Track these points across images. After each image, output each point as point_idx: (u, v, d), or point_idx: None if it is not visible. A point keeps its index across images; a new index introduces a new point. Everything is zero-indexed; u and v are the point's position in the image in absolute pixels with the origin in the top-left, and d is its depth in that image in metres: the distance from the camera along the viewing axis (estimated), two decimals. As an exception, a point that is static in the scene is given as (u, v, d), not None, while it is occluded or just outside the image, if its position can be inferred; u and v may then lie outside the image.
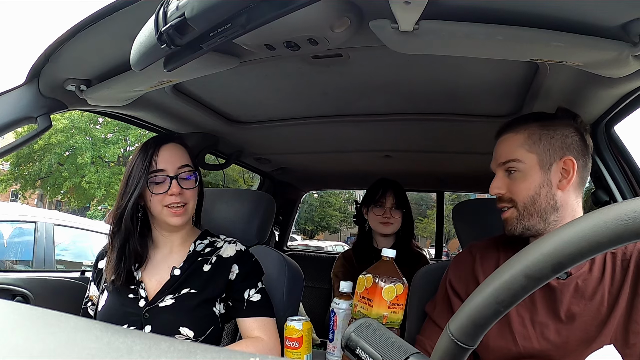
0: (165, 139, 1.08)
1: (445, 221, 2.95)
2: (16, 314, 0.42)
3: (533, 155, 0.83)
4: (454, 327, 0.38)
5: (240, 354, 0.33)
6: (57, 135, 13.19)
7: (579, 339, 0.77)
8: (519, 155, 0.84)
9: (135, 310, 1.01)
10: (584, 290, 0.79)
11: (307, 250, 3.62)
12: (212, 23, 0.57)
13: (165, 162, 1.03)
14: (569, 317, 0.79)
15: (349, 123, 1.42)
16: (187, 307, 1.01)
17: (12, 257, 3.29)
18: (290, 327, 1.01)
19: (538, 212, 0.82)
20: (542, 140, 0.83)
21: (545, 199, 0.82)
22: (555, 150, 0.83)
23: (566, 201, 0.82)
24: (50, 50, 0.88)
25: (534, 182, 0.82)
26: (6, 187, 14.65)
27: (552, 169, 0.82)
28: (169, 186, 1.02)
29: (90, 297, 1.13)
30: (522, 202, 0.83)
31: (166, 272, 1.06)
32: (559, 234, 0.35)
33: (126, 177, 1.03)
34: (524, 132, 0.85)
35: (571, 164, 0.81)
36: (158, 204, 1.02)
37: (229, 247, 1.11)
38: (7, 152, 0.99)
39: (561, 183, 0.82)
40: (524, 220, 0.83)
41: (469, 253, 0.97)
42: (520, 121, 0.88)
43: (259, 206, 1.33)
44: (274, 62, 0.99)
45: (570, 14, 0.66)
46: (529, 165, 0.83)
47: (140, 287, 1.03)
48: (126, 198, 1.01)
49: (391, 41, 0.74)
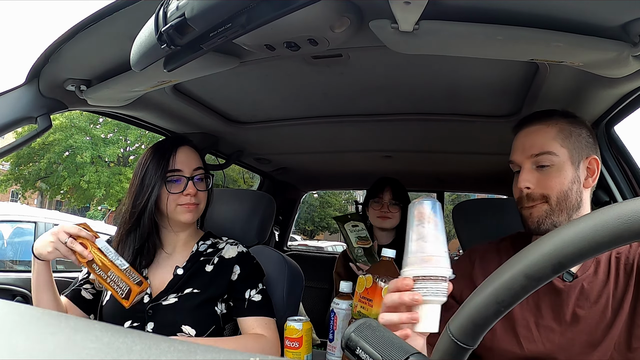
0: (181, 140, 1.10)
1: (445, 221, 2.94)
2: (16, 314, 0.42)
3: (565, 150, 0.81)
4: (454, 327, 0.38)
5: (240, 354, 0.33)
6: (55, 134, 13.19)
7: (584, 342, 0.76)
8: (554, 147, 0.81)
9: (139, 306, 1.01)
10: (589, 292, 0.79)
11: (307, 250, 3.62)
12: (212, 23, 0.57)
13: (182, 164, 1.06)
14: (574, 319, 0.78)
15: (349, 123, 1.42)
16: (190, 306, 1.02)
17: (12, 257, 3.30)
18: (290, 327, 1.01)
19: (568, 207, 0.80)
20: (572, 136, 0.82)
21: (575, 195, 0.81)
22: (582, 147, 0.82)
23: (586, 199, 0.83)
24: (50, 50, 0.88)
25: (568, 177, 0.80)
26: (6, 187, 14.65)
27: (580, 166, 0.82)
28: (184, 186, 1.04)
29: (90, 280, 1.12)
30: (556, 197, 0.80)
31: (169, 271, 1.07)
32: (559, 234, 0.35)
33: (141, 176, 1.04)
34: (555, 126, 0.83)
35: (596, 163, 0.82)
36: (172, 202, 1.04)
37: (231, 249, 1.12)
38: (7, 152, 0.99)
39: (587, 181, 0.82)
40: (553, 216, 0.80)
41: (468, 257, 0.96)
42: (549, 115, 0.85)
43: (259, 206, 1.33)
44: (274, 62, 0.99)
45: (570, 14, 0.66)
46: (563, 159, 0.81)
47: None
48: (144, 197, 1.03)
49: (391, 41, 0.74)
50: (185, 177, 1.05)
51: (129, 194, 1.07)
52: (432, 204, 0.62)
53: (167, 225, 1.09)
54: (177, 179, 1.05)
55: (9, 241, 3.30)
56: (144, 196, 1.03)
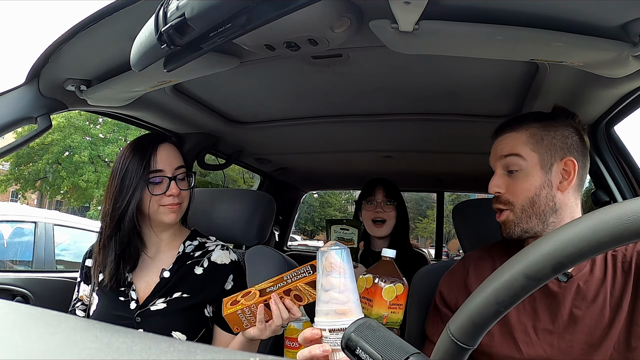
0: (162, 138, 1.06)
1: (445, 221, 2.95)
2: (16, 314, 0.42)
3: (535, 154, 0.82)
4: (454, 327, 0.38)
5: (240, 354, 0.33)
6: (54, 134, 13.19)
7: (583, 343, 0.76)
8: (523, 151, 0.82)
9: (126, 313, 0.99)
10: (585, 292, 0.78)
11: (307, 250, 3.61)
12: (212, 23, 0.57)
13: (164, 163, 1.02)
14: (572, 320, 0.77)
15: (349, 123, 1.42)
16: (179, 311, 1.00)
17: (12, 257, 3.29)
18: (290, 327, 1.01)
19: (537, 213, 0.81)
20: (544, 140, 0.82)
21: (544, 200, 0.80)
22: (556, 150, 0.81)
23: (565, 203, 0.81)
24: (50, 51, 0.88)
25: (535, 183, 0.81)
26: (6, 187, 14.64)
27: (553, 169, 0.81)
28: (167, 187, 1.01)
29: (80, 298, 1.10)
30: (520, 205, 0.82)
31: (155, 273, 1.04)
32: (559, 234, 0.35)
33: (120, 177, 1.00)
34: (525, 132, 0.84)
35: (572, 164, 0.80)
36: (155, 203, 1.01)
37: (223, 254, 1.09)
38: (7, 152, 0.99)
39: (562, 184, 0.81)
40: (522, 223, 0.82)
41: (462, 265, 0.95)
42: (520, 120, 0.86)
43: (259, 206, 1.33)
44: (274, 62, 0.99)
45: (570, 14, 0.66)
46: (531, 164, 0.82)
47: (131, 289, 1.02)
48: (126, 199, 0.98)
49: (391, 41, 0.74)
50: (168, 177, 1.01)
51: (107, 194, 1.02)
52: (340, 252, 0.63)
53: (148, 226, 1.05)
54: (159, 179, 1.01)
55: (9, 241, 3.30)
56: (125, 198, 0.99)
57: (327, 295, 0.62)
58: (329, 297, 0.61)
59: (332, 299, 0.61)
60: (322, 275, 0.63)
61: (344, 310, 0.61)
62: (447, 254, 4.56)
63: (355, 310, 0.61)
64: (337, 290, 0.61)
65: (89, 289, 1.10)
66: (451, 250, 5.60)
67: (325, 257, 0.63)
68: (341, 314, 0.60)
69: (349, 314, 0.61)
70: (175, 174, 1.03)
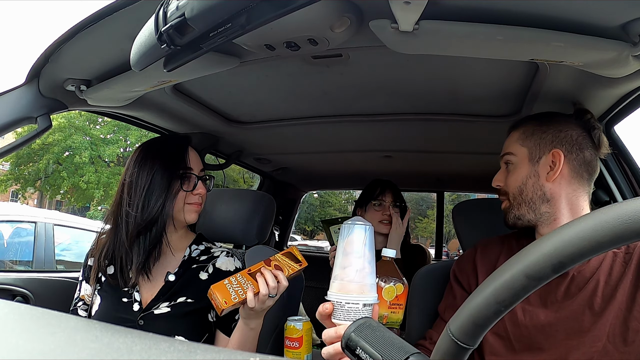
0: (190, 140, 1.10)
1: (445, 221, 2.95)
2: (16, 314, 0.42)
3: (524, 149, 0.89)
4: (454, 327, 0.38)
5: (240, 354, 0.33)
6: (55, 135, 13.19)
7: (569, 328, 0.77)
8: (513, 148, 0.91)
9: (129, 315, 0.99)
10: (578, 279, 0.80)
11: (307, 250, 3.62)
12: (212, 23, 0.57)
13: (193, 163, 1.06)
14: (560, 303, 0.80)
15: (349, 123, 1.42)
16: (183, 316, 1.00)
17: (12, 257, 3.30)
18: (290, 327, 1.01)
19: (525, 201, 0.87)
20: (534, 135, 0.89)
21: (532, 189, 0.86)
22: (545, 144, 0.87)
23: (558, 193, 0.85)
24: (50, 51, 0.88)
25: (522, 174, 0.88)
26: (6, 187, 14.65)
27: (541, 161, 0.87)
28: (194, 185, 1.04)
29: (81, 297, 1.10)
30: (512, 193, 0.89)
31: (160, 275, 1.04)
32: (560, 234, 0.35)
33: (149, 178, 0.99)
34: (519, 130, 0.92)
35: (558, 156, 0.85)
36: (181, 201, 1.03)
37: (228, 261, 1.09)
38: (7, 152, 0.99)
39: (549, 175, 0.85)
40: (514, 210, 0.89)
41: (474, 247, 1.00)
42: (523, 119, 0.94)
43: (259, 206, 1.33)
44: (274, 62, 0.99)
45: (570, 14, 0.66)
46: (520, 158, 0.89)
47: (135, 290, 1.02)
48: (160, 200, 0.98)
49: (391, 41, 0.74)
50: (197, 176, 1.06)
51: (134, 196, 1.00)
52: (365, 228, 0.62)
53: (170, 224, 1.04)
54: (189, 177, 1.04)
55: (9, 241, 3.30)
56: (159, 199, 0.98)
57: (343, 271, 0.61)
58: (345, 272, 0.61)
59: (346, 275, 0.60)
60: (341, 250, 0.62)
61: (356, 288, 0.60)
62: (447, 254, 4.56)
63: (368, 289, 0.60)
64: (354, 267, 0.60)
65: (90, 289, 1.10)
66: (451, 250, 5.60)
67: (347, 231, 0.62)
68: (353, 291, 0.60)
69: (363, 291, 0.60)
70: (200, 175, 1.07)
